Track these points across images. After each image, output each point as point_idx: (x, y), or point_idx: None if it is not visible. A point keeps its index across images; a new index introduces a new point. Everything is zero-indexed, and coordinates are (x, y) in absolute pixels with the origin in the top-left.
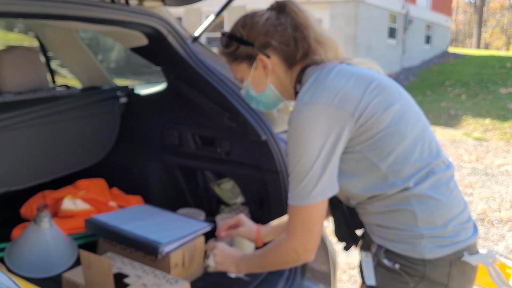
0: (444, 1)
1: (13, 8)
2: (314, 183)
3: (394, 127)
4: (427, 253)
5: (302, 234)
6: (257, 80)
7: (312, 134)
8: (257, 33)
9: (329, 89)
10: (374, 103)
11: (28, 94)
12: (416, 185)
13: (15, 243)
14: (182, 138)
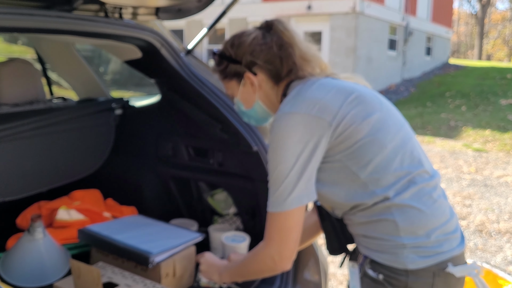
0: (444, 13)
1: (8, 22)
2: (290, 190)
3: (373, 136)
4: (409, 263)
5: (278, 241)
6: (246, 96)
7: (290, 142)
8: (244, 52)
9: (308, 99)
10: (352, 114)
11: (25, 106)
12: (397, 195)
13: (9, 253)
14: (176, 149)
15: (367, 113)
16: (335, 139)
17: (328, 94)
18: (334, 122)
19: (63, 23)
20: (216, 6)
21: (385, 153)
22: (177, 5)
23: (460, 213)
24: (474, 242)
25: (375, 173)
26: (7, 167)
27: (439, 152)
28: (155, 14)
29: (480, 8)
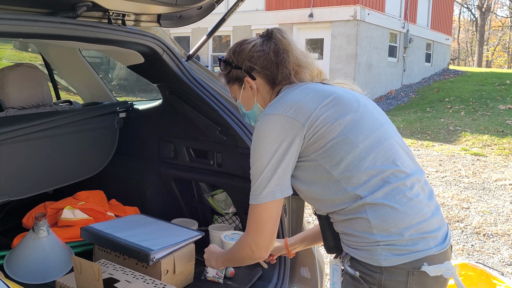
0: (444, 20)
1: (14, 28)
2: (264, 185)
3: (344, 136)
4: (383, 260)
5: (254, 232)
6: (246, 99)
7: (266, 141)
8: (243, 59)
9: (286, 102)
10: (325, 115)
11: (32, 109)
12: (370, 194)
13: (14, 250)
14: (177, 151)
15: (340, 114)
16: (308, 139)
17: (306, 98)
18: (308, 123)
19: (67, 29)
20: (220, 14)
21: (356, 152)
22: (178, 12)
23: (457, 216)
24: (471, 244)
25: (347, 172)
26: (14, 167)
27: (438, 156)
28: (157, 21)
29: (480, 15)
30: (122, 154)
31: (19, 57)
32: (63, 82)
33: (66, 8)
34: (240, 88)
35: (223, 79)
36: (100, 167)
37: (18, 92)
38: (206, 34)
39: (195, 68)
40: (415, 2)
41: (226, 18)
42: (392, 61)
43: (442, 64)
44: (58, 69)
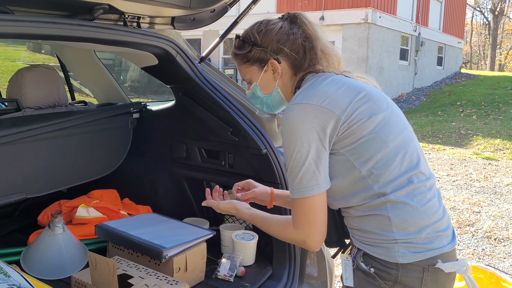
0: (456, 23)
1: (34, 30)
2: (309, 177)
3: (376, 134)
4: (400, 257)
5: (306, 226)
6: (265, 82)
7: (303, 130)
8: (271, 40)
9: (320, 93)
10: (360, 111)
11: (48, 109)
12: (393, 192)
13: (30, 247)
14: (189, 151)
15: (373, 112)
16: (342, 133)
17: (339, 90)
18: (343, 117)
19: (84, 31)
20: (232, 17)
21: (386, 151)
22: (192, 15)
23: (468, 220)
24: (482, 248)
25: (375, 170)
26: (30, 166)
27: (449, 160)
28: (171, 24)
29: (493, 19)
30: (135, 154)
31: (33, 59)
32: (76, 84)
33: (84, 11)
34: (260, 70)
35: (237, 58)
36: (113, 167)
37: (35, 93)
38: (219, 37)
39: (207, 70)
40: (427, 5)
41: (238, 21)
42: (404, 64)
43: (454, 68)
44: (73, 70)
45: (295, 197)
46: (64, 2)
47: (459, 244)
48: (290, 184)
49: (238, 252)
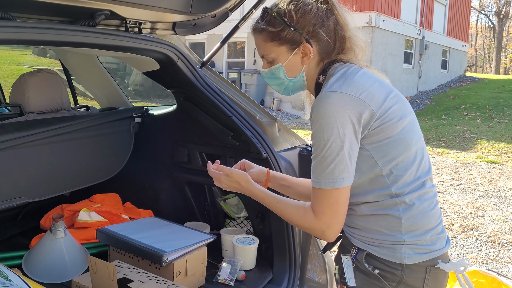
0: (460, 26)
1: (36, 36)
2: (341, 168)
3: (403, 136)
4: (406, 258)
5: (330, 217)
6: (292, 65)
7: (340, 120)
8: (308, 21)
9: (357, 84)
10: (392, 110)
11: (51, 113)
12: (408, 194)
13: (32, 251)
14: (191, 156)
15: (403, 113)
16: (373, 129)
17: (374, 85)
18: (378, 112)
19: (86, 37)
20: (235, 21)
21: (408, 154)
22: (193, 20)
23: (472, 224)
24: (486, 252)
25: (395, 170)
26: (33, 170)
27: (453, 164)
28: (172, 29)
29: (498, 22)
30: (137, 158)
31: (38, 63)
32: (80, 88)
33: (85, 16)
34: (289, 52)
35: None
36: (115, 171)
37: (37, 97)
38: (220, 42)
39: (208, 74)
40: (431, 9)
41: (239, 26)
42: (408, 67)
43: (458, 71)
44: (76, 75)
45: (323, 187)
46: (66, 8)
47: (462, 248)
48: (317, 173)
49: (238, 256)
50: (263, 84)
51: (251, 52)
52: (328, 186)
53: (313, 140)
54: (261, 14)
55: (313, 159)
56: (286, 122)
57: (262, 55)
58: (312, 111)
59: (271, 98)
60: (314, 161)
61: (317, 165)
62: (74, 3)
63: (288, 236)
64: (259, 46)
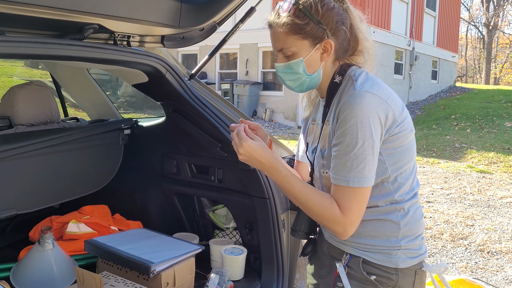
0: (450, 37)
1: (25, 50)
2: (370, 167)
3: (410, 146)
4: (401, 263)
5: (356, 214)
6: (312, 60)
7: (373, 122)
8: (332, 17)
9: (384, 88)
10: (407, 120)
11: (40, 126)
12: (406, 201)
13: (20, 263)
14: (180, 167)
15: (412, 126)
16: (391, 135)
17: (393, 93)
18: (399, 120)
19: (75, 51)
20: (225, 33)
21: (411, 165)
22: (181, 33)
23: (462, 233)
24: (475, 262)
25: (400, 178)
26: (22, 182)
27: (443, 173)
28: (160, 42)
29: (487, 33)
30: (126, 170)
31: (30, 74)
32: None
33: (74, 30)
34: (311, 47)
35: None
36: (104, 182)
37: (27, 110)
38: (208, 54)
39: (197, 86)
40: (421, 20)
41: (227, 39)
42: (398, 78)
43: (448, 81)
44: (66, 87)
45: (351, 185)
46: (54, 22)
47: (452, 257)
48: (345, 171)
49: (227, 267)
50: (256, 95)
51: (243, 63)
52: (357, 184)
53: (343, 137)
54: (283, 7)
55: (340, 156)
56: (279, 132)
57: (280, 49)
58: (344, 108)
59: (264, 109)
60: (342, 159)
61: (346, 163)
62: (62, 17)
63: (276, 246)
64: (279, 39)
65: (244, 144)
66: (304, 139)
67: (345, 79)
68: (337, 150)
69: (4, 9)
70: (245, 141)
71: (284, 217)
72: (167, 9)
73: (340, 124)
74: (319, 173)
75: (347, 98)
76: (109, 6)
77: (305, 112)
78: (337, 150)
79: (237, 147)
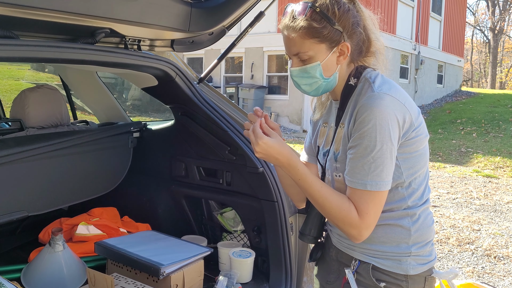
0: (455, 42)
1: (39, 54)
2: (388, 171)
3: (424, 151)
4: (411, 269)
5: (372, 218)
6: (328, 64)
7: (392, 125)
8: (348, 20)
9: (401, 92)
10: (423, 125)
11: (50, 128)
12: (419, 207)
13: (31, 264)
14: (188, 170)
15: (427, 131)
16: (408, 139)
17: (409, 97)
18: (416, 123)
19: (87, 54)
20: (232, 36)
21: (424, 171)
22: (191, 37)
23: (468, 238)
24: (482, 266)
25: (414, 184)
26: (32, 184)
27: (449, 178)
28: (170, 46)
29: (493, 37)
30: (135, 173)
31: (37, 77)
32: (78, 102)
33: (86, 34)
34: (328, 51)
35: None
36: (114, 185)
37: (38, 113)
38: (217, 58)
39: (206, 90)
40: (426, 25)
41: (236, 43)
42: (404, 82)
43: (454, 86)
44: (75, 90)
45: (369, 189)
46: (67, 26)
47: (459, 262)
48: (363, 174)
49: (235, 270)
50: (261, 99)
51: (248, 67)
52: (375, 188)
53: (361, 139)
54: (297, 10)
55: (357, 158)
56: (284, 136)
57: (296, 53)
58: (363, 110)
59: (269, 113)
60: (359, 161)
61: (364, 166)
62: (75, 21)
63: (284, 249)
64: (295, 43)
65: (260, 142)
66: (314, 141)
67: (360, 81)
68: (354, 153)
69: (19, 13)
70: (261, 139)
71: (292, 220)
72: (177, 14)
73: (358, 126)
74: (331, 176)
75: (366, 100)
76: (121, 11)
77: (315, 114)
78: (354, 153)
79: (253, 145)
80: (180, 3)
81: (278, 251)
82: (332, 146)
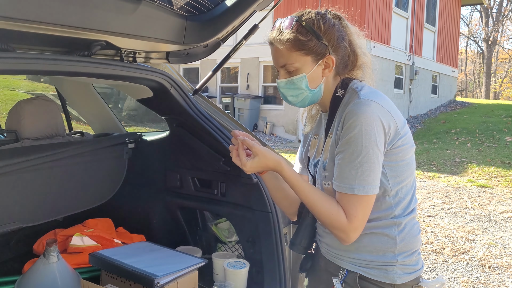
0: (449, 52)
1: (35, 66)
2: (375, 175)
3: (411, 161)
4: (397, 278)
5: (360, 221)
6: (314, 76)
7: (377, 130)
8: (333, 34)
9: (386, 99)
10: (409, 135)
11: (45, 140)
12: (405, 216)
13: (25, 275)
14: (183, 181)
15: (413, 142)
16: (393, 148)
17: (395, 106)
18: (401, 132)
19: (83, 67)
20: (228, 47)
21: (411, 180)
22: (186, 50)
23: (463, 248)
24: (476, 276)
25: (401, 193)
26: (27, 195)
27: (444, 188)
28: (165, 58)
29: (487, 48)
30: (130, 183)
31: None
32: (74, 112)
33: (82, 47)
34: (314, 63)
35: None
36: (108, 196)
37: (33, 124)
38: (212, 70)
39: (200, 101)
40: (421, 35)
41: (230, 55)
42: (398, 92)
43: (448, 96)
44: (71, 101)
45: (356, 193)
46: (63, 39)
47: (453, 272)
48: (350, 179)
49: (229, 280)
50: (256, 109)
51: (244, 77)
52: (362, 192)
53: (348, 145)
54: (285, 24)
55: (344, 164)
56: (279, 146)
57: (283, 65)
58: (350, 116)
59: (264, 123)
60: (346, 166)
61: (351, 171)
62: (71, 34)
63: (278, 259)
64: (282, 55)
65: (247, 167)
66: (305, 153)
67: (347, 92)
68: (341, 158)
69: (16, 26)
70: (245, 166)
71: (286, 231)
72: (172, 27)
73: (344, 132)
74: (320, 185)
75: (352, 106)
76: (117, 24)
77: (306, 128)
78: (341, 158)
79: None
80: (175, 16)
81: (272, 261)
82: (321, 156)
